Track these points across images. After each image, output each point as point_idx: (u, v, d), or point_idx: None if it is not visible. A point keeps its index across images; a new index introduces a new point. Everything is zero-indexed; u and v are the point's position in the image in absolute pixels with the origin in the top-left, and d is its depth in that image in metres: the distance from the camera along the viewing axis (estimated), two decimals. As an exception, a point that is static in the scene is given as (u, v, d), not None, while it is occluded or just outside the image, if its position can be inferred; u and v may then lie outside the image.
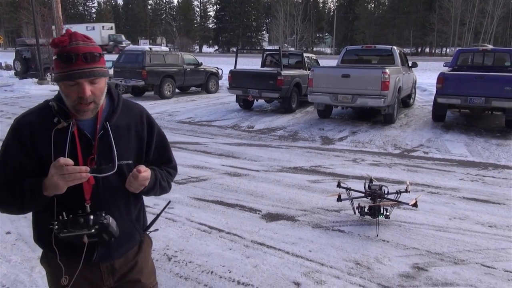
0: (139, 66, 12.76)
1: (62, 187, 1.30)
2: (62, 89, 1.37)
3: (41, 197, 1.34)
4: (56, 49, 1.35)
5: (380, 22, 58.55)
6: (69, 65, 1.32)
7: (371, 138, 7.77)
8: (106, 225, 1.38)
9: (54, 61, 1.36)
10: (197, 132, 8.40)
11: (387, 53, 9.93)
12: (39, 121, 1.40)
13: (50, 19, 19.72)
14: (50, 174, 1.29)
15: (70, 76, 1.32)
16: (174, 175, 1.75)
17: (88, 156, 1.40)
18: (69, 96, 1.35)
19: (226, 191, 4.83)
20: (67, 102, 1.38)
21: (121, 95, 1.57)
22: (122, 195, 1.49)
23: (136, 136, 1.53)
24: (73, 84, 1.33)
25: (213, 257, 3.28)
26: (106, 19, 77.75)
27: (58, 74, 1.35)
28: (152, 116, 1.63)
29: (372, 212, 3.82)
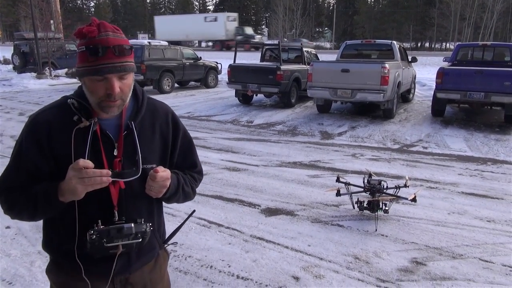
0: (138, 60, 12.69)
1: (80, 192, 1.18)
2: (87, 85, 1.25)
3: (56, 203, 1.22)
4: (82, 40, 1.23)
5: (379, 16, 58.35)
6: (98, 58, 1.20)
7: (370, 133, 7.78)
8: (148, 234, 1.30)
9: (79, 53, 1.24)
10: (196, 126, 8.40)
11: (387, 48, 9.90)
12: (58, 119, 1.28)
13: (48, 13, 19.62)
14: (68, 177, 1.18)
15: (99, 70, 1.20)
16: (200, 180, 1.61)
17: (112, 158, 1.29)
18: (94, 92, 1.24)
19: (225, 186, 4.84)
20: (91, 99, 1.26)
21: (146, 93, 1.45)
22: (145, 202, 1.38)
23: (160, 137, 1.42)
24: (101, 80, 1.22)
25: (213, 251, 3.29)
26: (105, 13, 77.42)
27: (84, 68, 1.22)
28: (177, 116, 1.52)
29: (371, 207, 3.83)
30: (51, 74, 17.27)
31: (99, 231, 1.23)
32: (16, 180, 1.28)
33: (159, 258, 1.53)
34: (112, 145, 1.30)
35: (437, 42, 56.13)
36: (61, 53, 18.83)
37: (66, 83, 16.58)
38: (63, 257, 1.36)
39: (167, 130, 1.44)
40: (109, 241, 1.23)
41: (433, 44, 56.41)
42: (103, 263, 1.30)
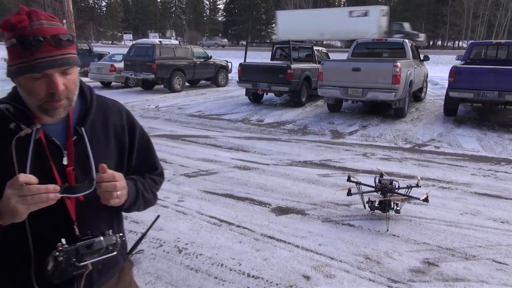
0: (149, 59, 12.80)
1: (22, 213, 0.98)
2: (23, 85, 1.06)
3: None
4: (11, 32, 1.02)
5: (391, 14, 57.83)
6: (34, 52, 1.01)
7: (382, 132, 7.72)
8: (118, 245, 1.14)
9: (9, 49, 1.03)
10: (207, 125, 8.42)
11: (398, 46, 9.82)
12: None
13: (61, 13, 19.88)
14: (6, 197, 0.97)
15: (36, 66, 1.01)
16: (161, 183, 1.45)
17: (63, 168, 1.11)
18: (34, 93, 1.05)
19: (235, 185, 4.85)
20: (30, 101, 1.07)
21: (94, 91, 1.27)
22: (104, 213, 1.22)
23: (115, 140, 1.25)
24: (40, 77, 1.03)
25: (223, 249, 3.31)
26: (116, 12, 78.06)
27: (17, 66, 1.03)
28: (132, 115, 1.35)
29: (382, 206, 3.81)
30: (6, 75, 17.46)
31: (65, 251, 1.04)
32: None
33: (123, 270, 1.37)
34: (61, 153, 1.12)
35: (449, 40, 55.43)
36: (73, 52, 19.02)
37: (78, 82, 16.75)
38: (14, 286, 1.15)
39: (122, 131, 1.27)
40: (80, 260, 1.06)
41: (445, 42, 55.72)
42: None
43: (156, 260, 3.15)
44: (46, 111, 1.07)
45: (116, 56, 15.59)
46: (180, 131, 7.85)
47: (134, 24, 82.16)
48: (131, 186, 1.21)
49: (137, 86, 14.81)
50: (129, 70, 13.55)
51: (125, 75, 14.07)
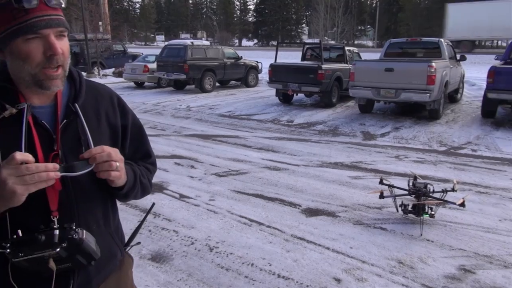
0: (181, 60, 13.02)
1: (20, 194, 0.89)
2: (16, 52, 0.96)
3: None
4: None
5: (426, 13, 56.22)
6: (30, 11, 0.94)
7: (415, 134, 7.53)
8: (79, 242, 0.98)
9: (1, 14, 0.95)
10: (237, 125, 8.48)
11: (434, 46, 9.55)
12: None
13: (97, 15, 20.55)
14: (1, 179, 0.88)
15: (34, 25, 0.94)
16: (154, 172, 1.37)
17: (49, 154, 1.00)
18: (29, 58, 0.96)
19: (266, 185, 4.86)
20: (24, 71, 0.98)
21: (83, 74, 1.20)
22: (98, 201, 1.13)
23: (108, 126, 1.16)
24: (34, 37, 0.95)
25: (254, 249, 3.32)
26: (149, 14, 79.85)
27: (11, 29, 0.94)
28: (123, 100, 1.27)
29: (416, 210, 3.72)
30: (99, 74, 18.08)
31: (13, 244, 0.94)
32: None
33: (124, 265, 1.28)
34: (50, 138, 1.02)
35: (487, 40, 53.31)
36: (108, 53, 19.66)
37: (113, 82, 17.26)
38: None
39: (115, 117, 1.19)
40: (25, 254, 0.94)
41: (483, 41, 53.66)
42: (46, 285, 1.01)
43: (187, 257, 3.20)
44: (41, 82, 0.99)
45: (149, 57, 15.96)
46: (210, 131, 7.94)
47: (166, 25, 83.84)
48: (128, 170, 1.13)
49: (169, 86, 15.11)
50: (161, 71, 13.84)
51: (157, 76, 14.37)
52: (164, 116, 9.58)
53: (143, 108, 10.72)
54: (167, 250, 3.32)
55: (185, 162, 5.75)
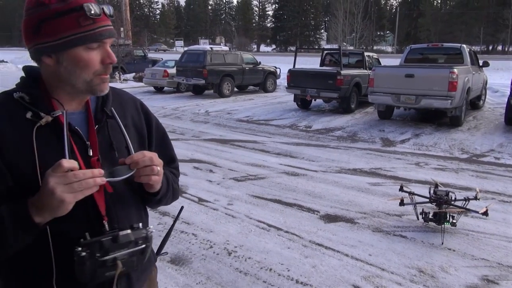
0: (201, 65, 13.17)
1: (68, 202, 0.88)
2: (77, 59, 0.97)
3: (31, 227, 0.90)
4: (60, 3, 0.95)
5: (447, 18, 55.48)
6: (96, 21, 0.97)
7: (436, 141, 7.41)
8: (150, 240, 1.02)
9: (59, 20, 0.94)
10: (255, 130, 8.52)
11: (456, 52, 9.41)
12: (4, 121, 0.96)
13: (119, 21, 20.97)
14: (49, 188, 0.86)
15: (101, 34, 0.98)
16: (178, 176, 1.35)
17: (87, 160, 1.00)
18: (89, 65, 0.98)
19: (284, 190, 4.86)
20: (80, 76, 0.99)
21: None
22: (134, 207, 1.12)
23: (135, 131, 1.17)
24: (96, 48, 0.98)
25: (272, 254, 3.33)
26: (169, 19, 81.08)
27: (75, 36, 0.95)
28: (146, 105, 1.29)
29: (437, 218, 3.66)
30: (120, 78, 18.41)
31: (88, 245, 0.92)
32: None
33: (153, 273, 1.28)
34: (84, 144, 1.02)
35: (511, 45, 52.13)
36: (129, 59, 20.01)
37: (134, 86, 17.57)
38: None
39: (140, 122, 1.20)
40: (104, 254, 0.94)
41: (506, 47, 52.47)
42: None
43: (206, 261, 3.23)
44: (95, 87, 1.01)
45: (169, 62, 16.19)
46: (229, 135, 8.00)
47: (186, 31, 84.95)
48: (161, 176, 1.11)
49: (188, 91, 15.28)
50: (181, 76, 14.01)
51: (177, 81, 14.56)
52: (183, 121, 9.69)
53: (163, 113, 10.87)
54: (186, 253, 3.35)
55: (203, 166, 5.81)
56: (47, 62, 0.98)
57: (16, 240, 0.91)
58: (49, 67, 0.99)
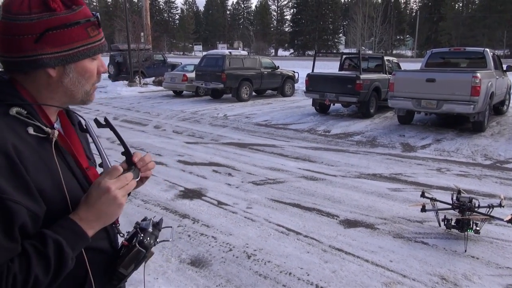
0: (219, 69, 13.27)
1: (123, 206, 0.91)
2: (84, 69, 0.94)
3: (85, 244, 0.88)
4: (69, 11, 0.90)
5: (469, 22, 54.44)
6: (100, 31, 0.97)
7: (458, 147, 7.28)
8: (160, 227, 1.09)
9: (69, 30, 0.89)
10: (274, 134, 8.53)
11: (479, 56, 9.23)
12: (18, 140, 0.83)
13: (140, 26, 21.33)
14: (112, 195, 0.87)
15: (103, 46, 0.98)
16: None
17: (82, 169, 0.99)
18: (92, 75, 0.97)
19: (303, 195, 4.85)
20: (83, 87, 0.96)
21: None
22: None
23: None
24: (96, 59, 0.98)
25: (291, 258, 3.33)
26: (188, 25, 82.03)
27: (89, 45, 0.93)
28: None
29: (460, 225, 3.59)
30: (140, 82, 18.70)
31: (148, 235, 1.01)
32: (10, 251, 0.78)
33: None
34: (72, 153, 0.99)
35: (536, 49, 50.80)
36: (149, 63, 20.32)
37: (153, 90, 17.82)
38: None
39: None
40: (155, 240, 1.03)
41: (530, 51, 51.15)
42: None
43: (226, 263, 3.25)
44: (89, 97, 1.00)
45: (188, 67, 16.37)
46: (247, 139, 8.03)
47: (204, 36, 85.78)
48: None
49: (206, 95, 15.41)
50: (199, 80, 14.15)
51: (196, 85, 14.71)
52: (202, 124, 9.78)
53: (182, 116, 10.99)
54: (206, 255, 3.38)
55: (222, 169, 5.85)
56: (50, 73, 0.90)
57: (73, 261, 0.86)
58: (49, 79, 0.91)
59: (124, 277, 1.00)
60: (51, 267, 0.81)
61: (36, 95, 0.92)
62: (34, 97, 0.92)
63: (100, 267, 0.99)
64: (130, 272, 1.01)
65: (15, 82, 0.91)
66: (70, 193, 0.89)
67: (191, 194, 4.89)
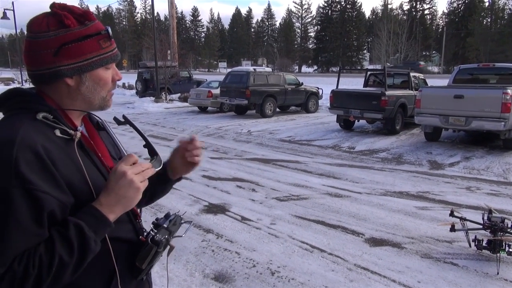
0: (244, 86, 13.43)
1: (141, 191, 0.98)
2: (98, 78, 1.04)
3: (107, 228, 0.95)
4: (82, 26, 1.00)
5: (497, 38, 53.25)
6: (112, 43, 1.06)
7: (488, 165, 7.06)
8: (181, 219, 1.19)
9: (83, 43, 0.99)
10: (297, 150, 8.51)
11: (509, 72, 9.01)
12: (46, 141, 0.94)
13: (167, 44, 21.92)
14: (128, 179, 0.94)
15: (117, 54, 1.09)
16: None
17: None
18: (107, 83, 1.08)
19: (327, 212, 4.80)
20: (100, 94, 1.06)
21: None
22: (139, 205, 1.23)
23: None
24: (110, 67, 1.08)
25: (316, 276, 3.28)
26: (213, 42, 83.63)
27: (101, 56, 1.03)
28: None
29: (491, 246, 3.46)
30: (166, 98, 19.12)
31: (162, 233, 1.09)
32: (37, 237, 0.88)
33: None
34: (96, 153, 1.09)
35: None
36: (175, 80, 20.78)
37: (178, 106, 18.16)
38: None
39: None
40: (171, 236, 1.11)
41: None
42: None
43: (249, 279, 3.23)
44: (106, 102, 1.10)
45: (213, 83, 16.64)
46: (271, 155, 8.04)
47: (229, 53, 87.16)
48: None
49: (230, 111, 15.58)
50: (224, 96, 14.34)
51: (220, 101, 14.91)
52: (226, 140, 9.87)
53: (206, 132, 11.13)
54: (229, 271, 3.38)
55: (246, 185, 5.86)
56: (69, 82, 1.01)
57: (98, 246, 0.93)
58: (68, 88, 1.02)
59: (141, 271, 1.07)
60: (74, 249, 0.88)
61: (60, 102, 1.04)
62: (58, 105, 1.04)
63: (128, 259, 1.07)
64: (147, 267, 1.07)
65: (42, 94, 1.04)
66: (95, 187, 0.98)
67: (215, 209, 4.91)
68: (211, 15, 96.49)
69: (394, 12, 67.94)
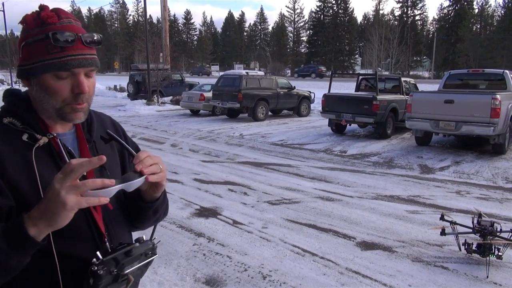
0: (236, 89, 13.43)
1: (70, 208, 0.82)
2: (45, 85, 0.97)
3: (24, 241, 0.83)
4: (37, 28, 0.96)
5: (487, 44, 54.05)
6: (65, 49, 0.95)
7: (478, 169, 7.13)
8: (155, 251, 1.04)
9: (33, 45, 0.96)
10: (289, 154, 8.52)
11: (498, 78, 9.13)
12: (5, 145, 0.94)
13: (159, 47, 21.85)
14: (54, 192, 0.82)
15: (67, 63, 0.95)
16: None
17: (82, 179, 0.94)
18: (57, 93, 0.97)
19: (319, 215, 4.81)
20: (48, 104, 0.98)
21: None
22: (125, 225, 1.14)
23: (117, 151, 1.20)
24: (65, 77, 0.97)
25: (307, 280, 3.28)
26: (206, 45, 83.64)
27: (43, 62, 0.95)
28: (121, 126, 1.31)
29: (481, 250, 3.49)
30: (158, 101, 19.03)
31: (104, 263, 0.92)
32: None
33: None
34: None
35: (557, 71, 49.89)
36: (167, 82, 20.70)
37: (171, 109, 18.09)
38: None
39: (118, 135, 1.19)
40: (121, 269, 0.94)
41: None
42: None
43: (241, 284, 3.22)
44: (65, 115, 1.00)
45: (205, 86, 16.61)
46: (263, 159, 8.03)
47: (221, 56, 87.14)
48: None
49: (222, 114, 15.55)
50: (216, 99, 14.32)
51: (212, 104, 14.88)
52: (218, 143, 9.84)
53: (198, 135, 11.10)
54: (220, 275, 3.36)
55: (238, 188, 5.85)
56: (26, 84, 1.01)
57: (10, 258, 0.83)
58: (31, 90, 1.01)
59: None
60: None
61: (34, 104, 1.02)
62: (34, 107, 1.02)
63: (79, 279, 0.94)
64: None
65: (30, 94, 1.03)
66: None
67: (206, 212, 4.89)
68: (204, 19, 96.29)
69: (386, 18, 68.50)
